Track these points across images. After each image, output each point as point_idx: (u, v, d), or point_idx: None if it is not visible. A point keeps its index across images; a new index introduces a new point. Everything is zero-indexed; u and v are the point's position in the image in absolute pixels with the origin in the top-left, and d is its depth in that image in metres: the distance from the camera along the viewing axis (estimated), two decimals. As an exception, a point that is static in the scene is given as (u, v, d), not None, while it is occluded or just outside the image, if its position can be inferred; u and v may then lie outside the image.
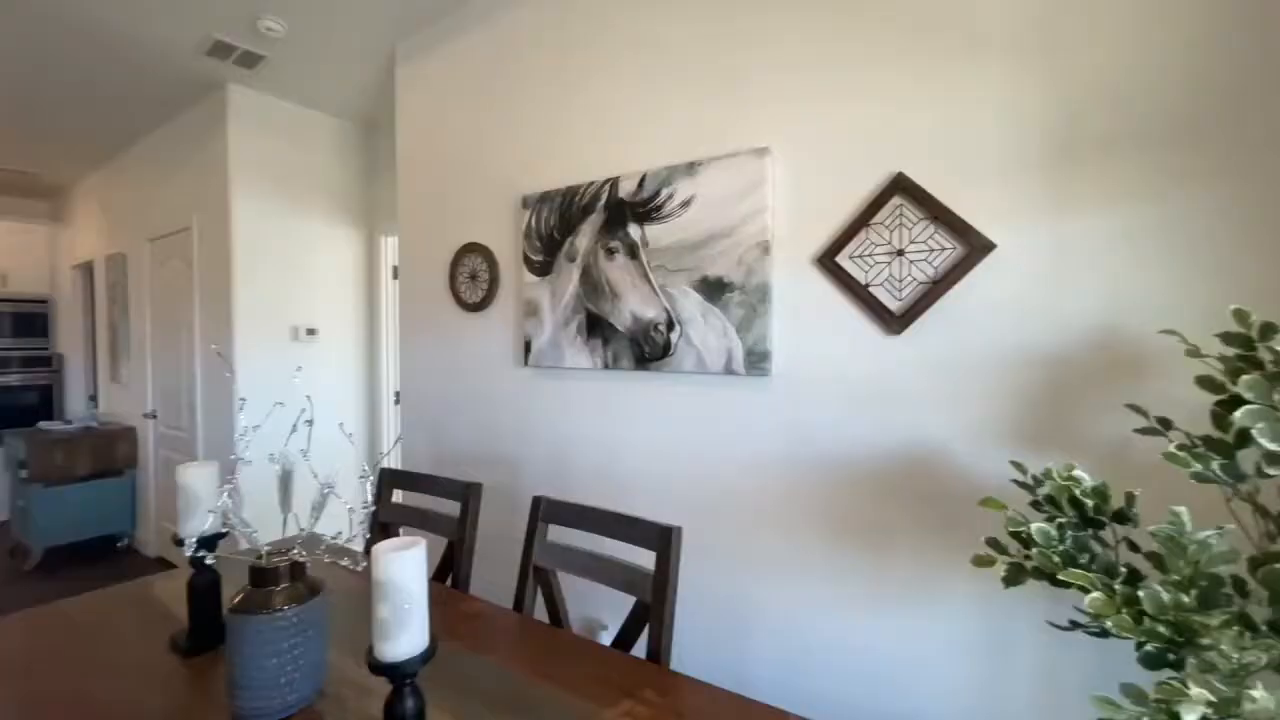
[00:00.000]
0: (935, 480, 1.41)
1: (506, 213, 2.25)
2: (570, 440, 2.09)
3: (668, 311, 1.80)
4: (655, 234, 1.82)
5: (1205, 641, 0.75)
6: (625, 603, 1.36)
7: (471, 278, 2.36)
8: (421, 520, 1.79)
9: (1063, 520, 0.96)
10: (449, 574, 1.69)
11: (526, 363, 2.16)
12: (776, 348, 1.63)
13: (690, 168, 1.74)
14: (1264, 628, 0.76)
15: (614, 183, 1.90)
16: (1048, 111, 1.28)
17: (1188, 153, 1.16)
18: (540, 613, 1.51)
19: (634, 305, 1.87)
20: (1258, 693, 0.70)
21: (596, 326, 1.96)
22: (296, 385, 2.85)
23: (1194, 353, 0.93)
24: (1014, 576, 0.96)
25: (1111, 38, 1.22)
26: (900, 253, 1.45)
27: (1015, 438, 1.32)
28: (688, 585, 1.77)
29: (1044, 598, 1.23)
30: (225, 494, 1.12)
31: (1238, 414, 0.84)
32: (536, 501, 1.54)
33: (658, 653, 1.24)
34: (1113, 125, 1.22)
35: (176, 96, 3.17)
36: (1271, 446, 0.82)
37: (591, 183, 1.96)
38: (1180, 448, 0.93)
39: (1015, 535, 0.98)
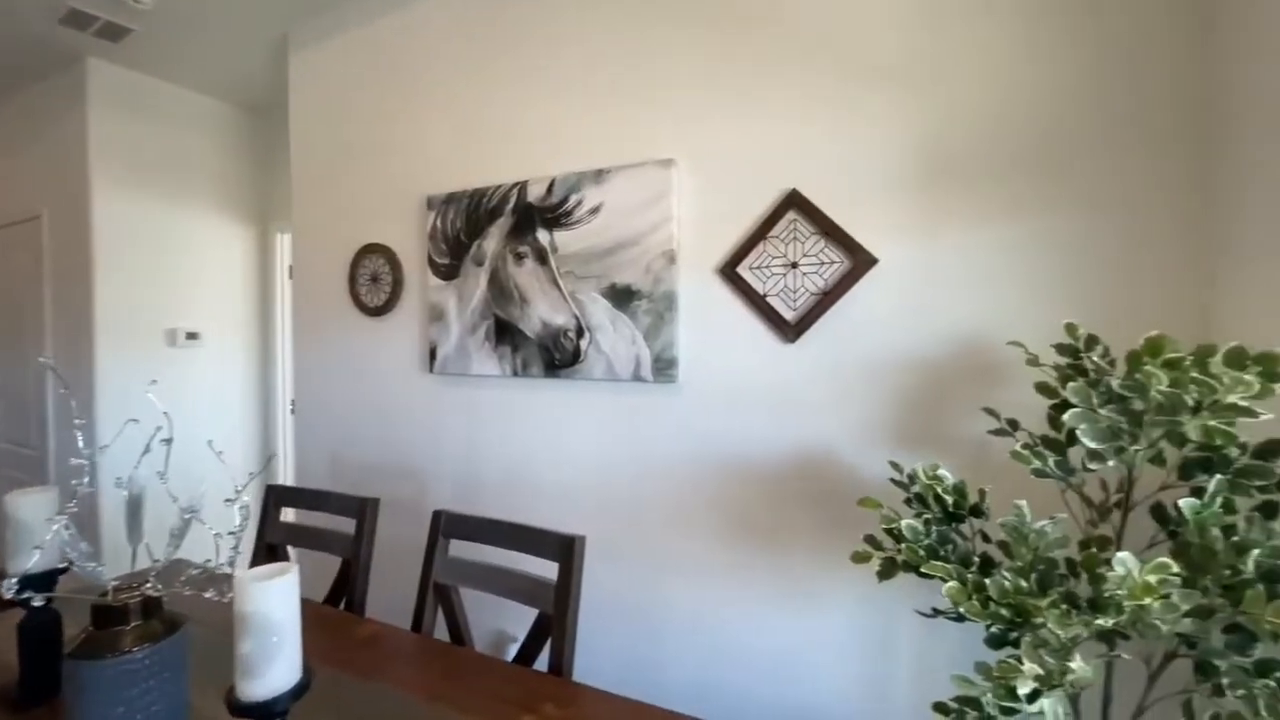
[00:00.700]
0: (826, 480, 1.49)
1: (411, 213, 2.16)
2: (479, 450, 2.03)
3: (577, 318, 1.79)
4: (564, 240, 1.80)
5: (1038, 621, 0.84)
6: (533, 615, 1.34)
7: (373, 280, 2.24)
8: (313, 539, 1.67)
9: (928, 516, 1.05)
10: (344, 596, 1.59)
11: (432, 370, 2.07)
12: (683, 355, 1.67)
13: (598, 175, 1.74)
14: (1084, 604, 0.86)
15: (523, 187, 1.87)
16: (924, 139, 1.39)
17: (1037, 183, 1.30)
18: (442, 631, 1.45)
19: (544, 311, 1.85)
20: (1075, 664, 0.79)
21: (505, 332, 1.92)
22: (155, 398, 2.58)
23: (1033, 362, 1.05)
24: (887, 570, 1.04)
25: (980, 77, 1.34)
26: (795, 265, 1.52)
27: (896, 439, 1.42)
28: (600, 592, 1.77)
29: (923, 588, 1.33)
30: (61, 525, 0.98)
31: (1066, 416, 0.95)
32: (436, 516, 1.48)
33: (560, 665, 1.23)
34: (977, 155, 1.35)
35: (23, 66, 2.78)
36: (1092, 445, 0.93)
37: (500, 185, 1.91)
38: (1024, 447, 1.03)
39: (889, 532, 1.06)
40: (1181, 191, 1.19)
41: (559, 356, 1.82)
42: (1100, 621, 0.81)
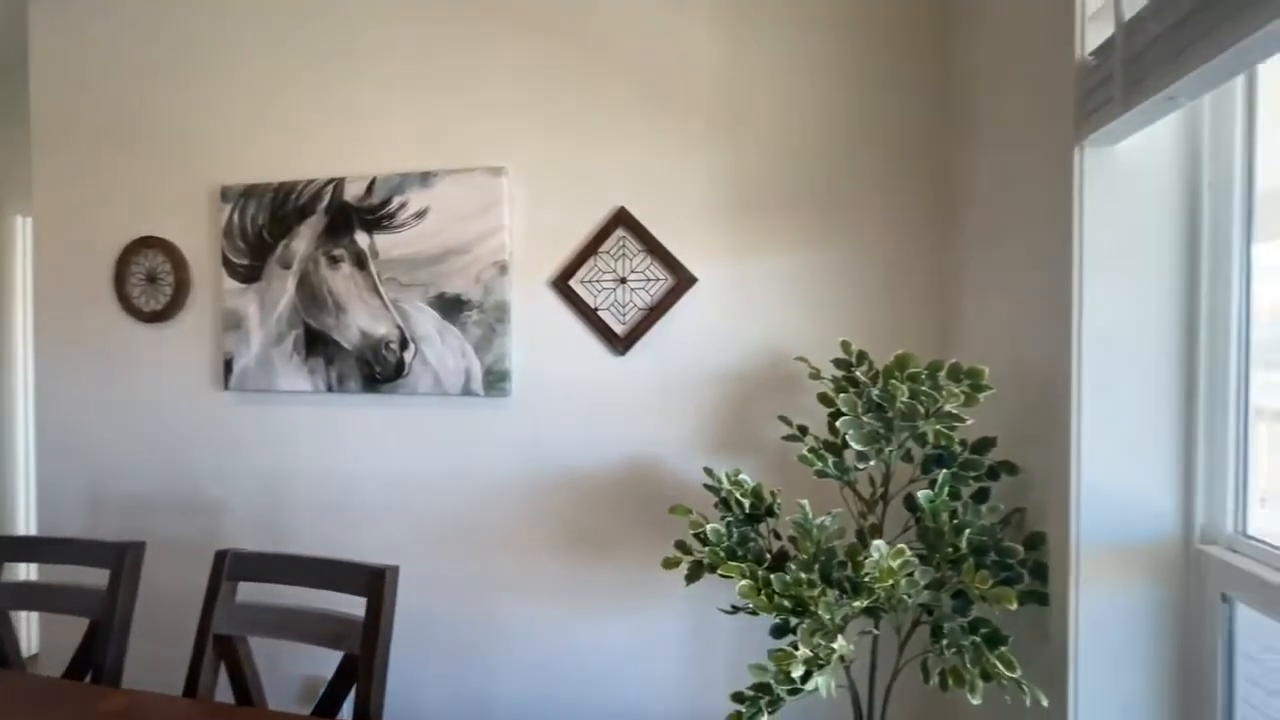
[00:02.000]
0: (654, 487, 1.55)
1: (200, 204, 1.86)
2: (287, 476, 1.80)
3: (401, 328, 1.67)
4: (387, 244, 1.68)
5: (814, 609, 0.95)
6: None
7: (150, 280, 1.89)
8: (47, 599, 1.36)
9: (730, 519, 1.13)
10: (91, 664, 1.31)
11: (228, 386, 1.80)
12: (516, 367, 1.63)
13: (425, 178, 1.65)
14: (849, 588, 0.98)
15: (339, 184, 1.70)
16: (734, 168, 1.52)
17: (822, 217, 1.47)
18: (226, 692, 1.26)
19: (363, 320, 1.70)
20: (838, 643, 0.89)
21: (318, 343, 1.73)
22: None
23: (815, 375, 1.18)
24: (694, 574, 1.10)
25: (775, 116, 1.49)
26: (624, 280, 1.57)
27: (714, 445, 1.53)
28: (426, 624, 1.66)
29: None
30: None
31: (838, 423, 1.08)
32: (220, 557, 1.28)
33: (366, 711, 1.12)
34: (775, 187, 1.49)
35: None
36: (858, 447, 1.07)
37: (312, 180, 1.73)
38: (810, 450, 1.16)
39: (698, 536, 1.12)
40: (930, 231, 1.43)
41: (380, 370, 1.69)
42: (856, 604, 0.93)
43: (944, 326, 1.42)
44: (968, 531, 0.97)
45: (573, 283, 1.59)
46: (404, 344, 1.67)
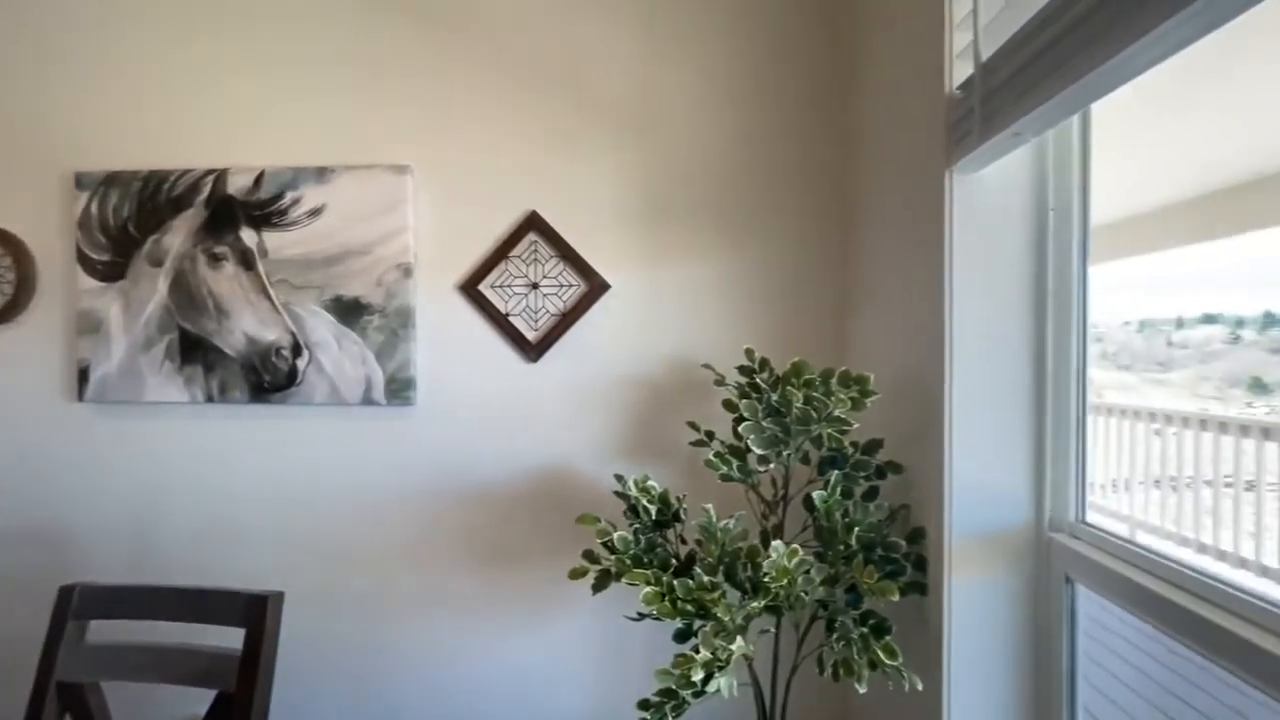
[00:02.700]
0: (565, 497, 1.53)
1: (50, 192, 1.64)
2: (158, 498, 1.62)
3: (294, 333, 1.55)
4: (278, 243, 1.55)
5: (714, 611, 0.97)
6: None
7: (-16, 276, 1.64)
8: None
9: (638, 525, 1.13)
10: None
11: (83, 397, 1.59)
12: (421, 375, 1.56)
13: (321, 173, 1.54)
14: (748, 588, 1.01)
15: (221, 175, 1.56)
16: (646, 176, 1.53)
17: (731, 227, 1.52)
18: (72, 745, 1.10)
19: (249, 325, 1.56)
20: (737, 644, 0.92)
21: (195, 350, 1.57)
22: None
23: (720, 382, 1.22)
24: (601, 583, 1.09)
25: (687, 125, 1.52)
26: (536, 286, 1.54)
27: (626, 452, 1.53)
28: (322, 650, 1.55)
29: (648, 588, 1.45)
30: None
31: (741, 428, 1.12)
32: (65, 593, 1.12)
33: (244, 753, 1.02)
34: (686, 196, 1.53)
35: None
36: (760, 451, 1.11)
37: (189, 170, 1.57)
38: (716, 455, 1.19)
39: (606, 545, 1.12)
40: (829, 244, 1.51)
41: (270, 378, 1.56)
42: (755, 604, 0.96)
43: (841, 334, 1.51)
44: (857, 529, 1.03)
45: (483, 287, 1.55)
46: (297, 350, 1.55)
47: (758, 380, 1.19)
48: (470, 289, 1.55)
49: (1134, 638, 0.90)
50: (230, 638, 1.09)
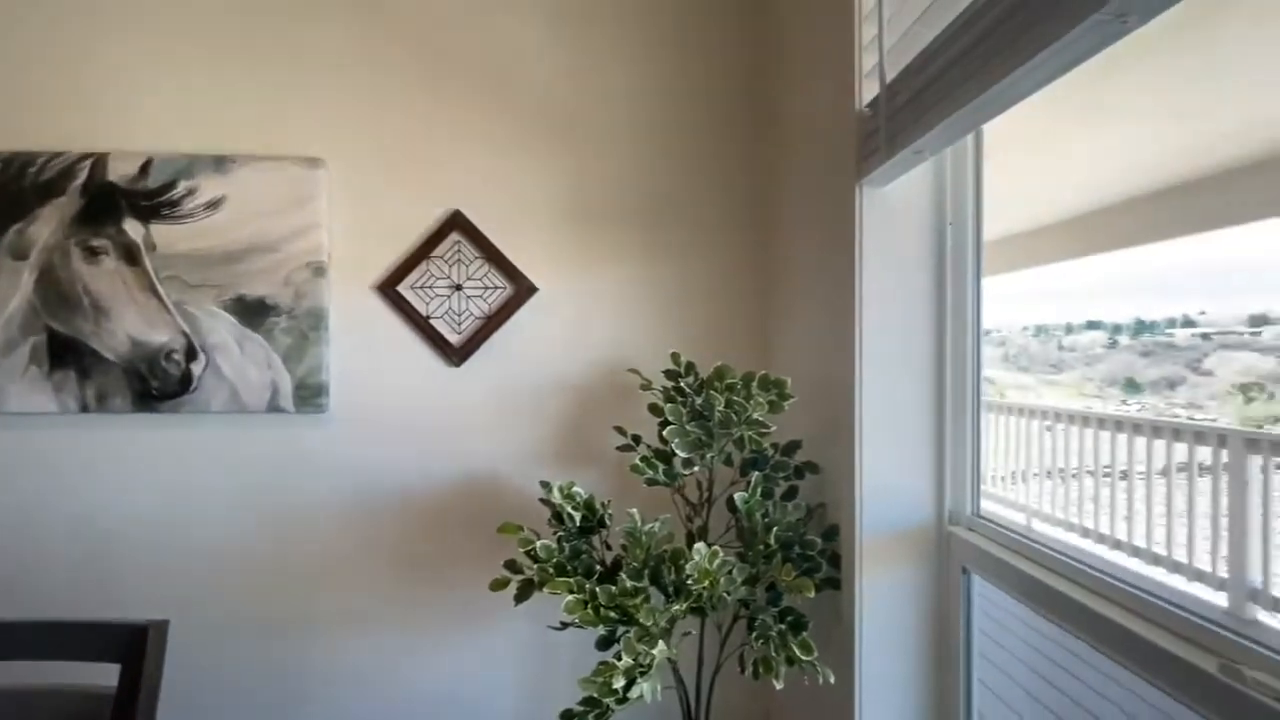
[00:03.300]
0: (490, 505, 1.49)
1: (-116, 171, 1.42)
2: (21, 521, 1.43)
3: (187, 336, 1.42)
4: (169, 237, 1.42)
5: (638, 617, 0.97)
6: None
7: None
8: None
9: (563, 533, 1.12)
10: None
11: (-74, 407, 1.39)
12: (335, 380, 1.47)
13: (221, 162, 1.42)
14: (671, 592, 1.02)
15: (100, 160, 1.41)
16: (575, 180, 1.52)
17: (660, 232, 1.53)
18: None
19: (134, 326, 1.41)
20: (657, 649, 0.92)
21: (68, 353, 1.41)
22: None
23: (646, 386, 1.22)
24: (523, 593, 1.07)
25: (613, 137, 1.52)
26: (459, 287, 1.49)
27: (554, 458, 1.51)
28: (225, 682, 1.43)
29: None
30: None
31: (665, 432, 1.12)
32: (-107, 634, 0.97)
33: (119, 802, 0.92)
34: (616, 201, 1.52)
35: None
36: (684, 455, 1.12)
37: (60, 154, 1.40)
38: (642, 459, 1.19)
39: (529, 554, 1.09)
40: (753, 250, 1.55)
41: (159, 385, 1.42)
42: (676, 607, 0.96)
43: (765, 338, 1.55)
44: (776, 529, 1.05)
45: (402, 288, 1.48)
46: (191, 354, 1.42)
47: (682, 384, 1.20)
48: (389, 290, 1.47)
49: (1022, 620, 0.97)
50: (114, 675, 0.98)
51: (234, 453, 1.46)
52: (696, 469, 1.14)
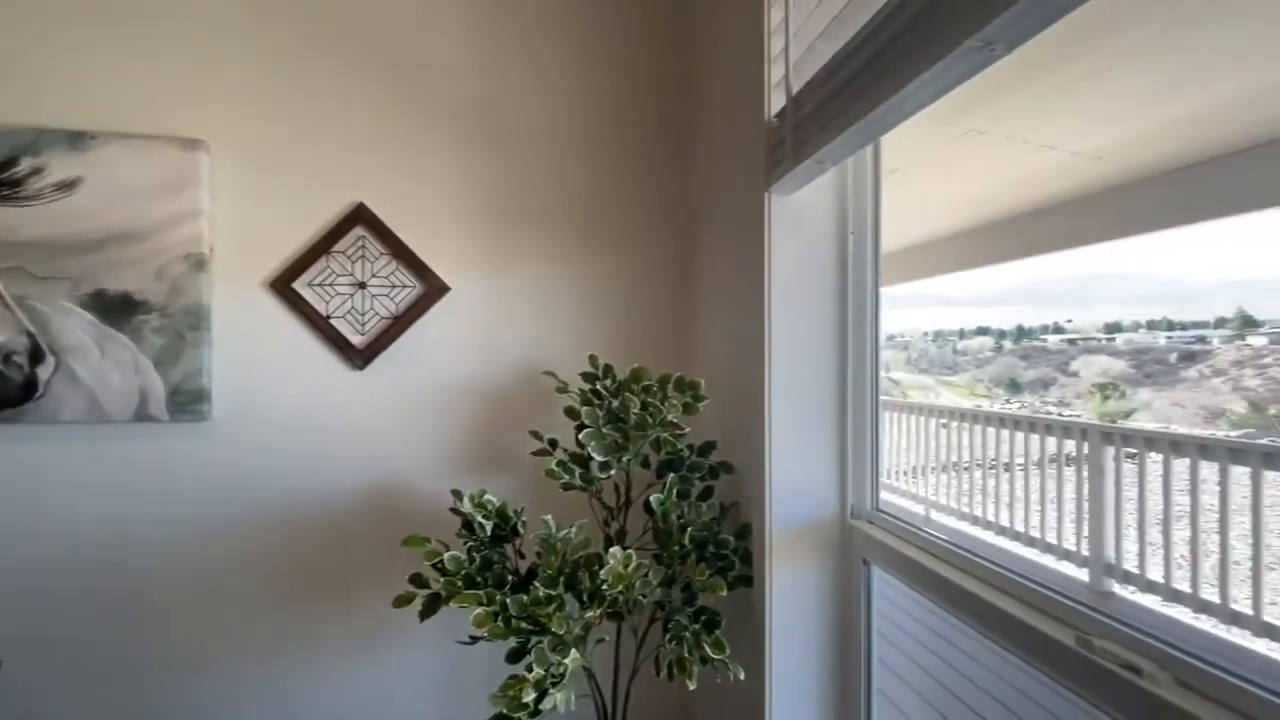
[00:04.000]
0: (397, 517, 1.40)
1: None
2: None
3: (31, 335, 1.24)
4: (8, 221, 1.23)
5: (551, 626, 0.94)
6: None
7: None
8: None
9: (473, 543, 1.07)
10: None
11: None
12: (218, 386, 1.33)
13: (76, 139, 1.26)
14: (586, 599, 1.00)
15: (-82, 129, 1.20)
16: (492, 178, 1.47)
17: (578, 233, 1.51)
18: None
19: (-38, 324, 1.22)
20: (569, 658, 0.90)
21: (-128, 355, 1.19)
22: None
23: (562, 389, 1.19)
24: (429, 608, 1.01)
25: (535, 133, 1.48)
26: (363, 285, 1.40)
27: (468, 465, 1.45)
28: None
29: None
30: None
31: (581, 435, 1.10)
32: None
33: None
34: (536, 202, 1.49)
35: None
36: (600, 458, 1.11)
37: None
38: (558, 464, 1.16)
39: (437, 566, 1.04)
40: (671, 253, 1.56)
41: (-5, 392, 1.23)
42: (589, 613, 0.95)
43: (685, 340, 1.57)
44: (690, 529, 1.06)
45: (298, 285, 1.37)
46: (36, 356, 1.24)
47: (599, 387, 1.19)
48: (283, 287, 1.36)
49: (916, 601, 1.04)
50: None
51: (92, 467, 1.29)
52: (613, 472, 1.13)
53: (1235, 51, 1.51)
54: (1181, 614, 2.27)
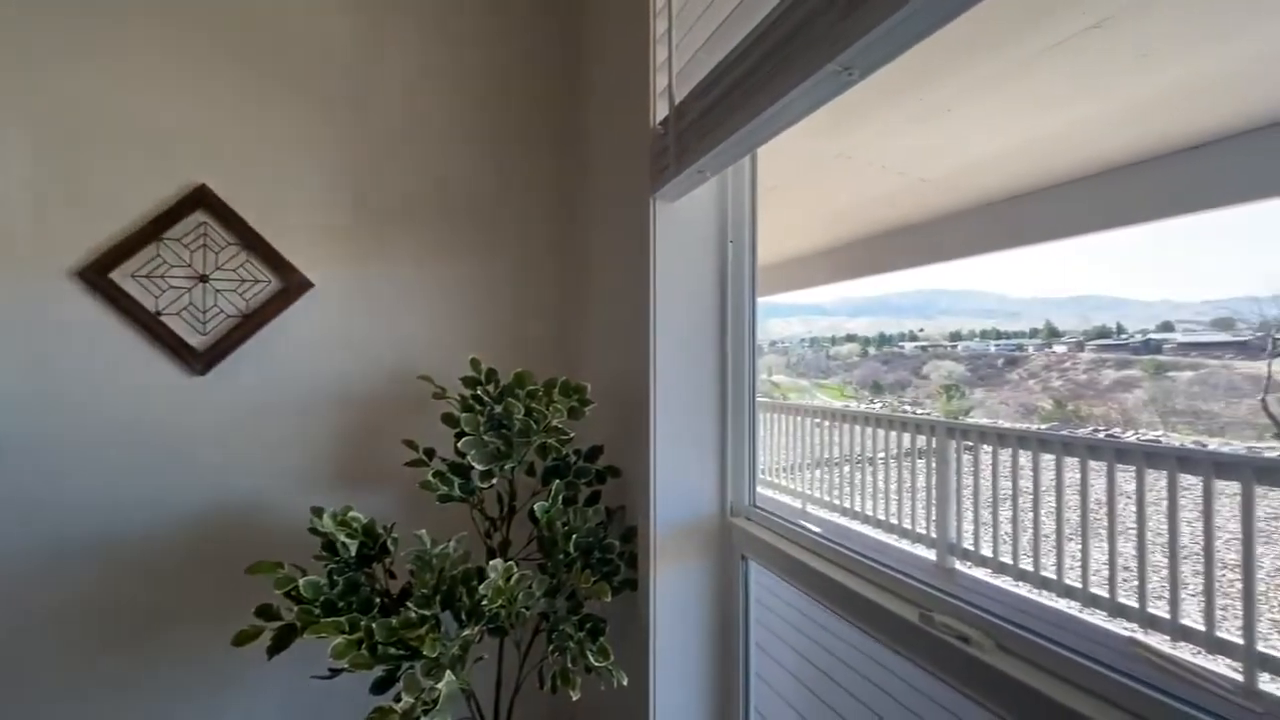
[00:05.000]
0: (247, 542, 1.24)
1: None
2: None
3: None
4: None
5: (423, 649, 0.87)
6: None
7: None
8: None
9: (334, 565, 0.97)
10: None
11: None
12: (3, 397, 1.10)
13: None
14: (464, 616, 0.95)
15: None
16: (362, 167, 1.35)
17: (458, 230, 1.44)
18: None
19: None
20: (442, 683, 0.84)
21: None
22: None
23: (440, 395, 1.13)
24: (280, 643, 0.90)
25: (413, 122, 1.39)
26: (205, 279, 1.23)
27: (333, 481, 1.32)
28: None
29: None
30: None
31: (460, 443, 1.04)
32: None
33: None
34: (411, 194, 1.39)
35: None
36: (480, 467, 1.05)
37: None
38: (435, 475, 1.09)
39: (290, 594, 0.93)
40: (555, 255, 1.54)
41: None
42: (469, 632, 0.90)
43: (569, 344, 1.55)
44: (575, 536, 1.04)
45: (118, 276, 1.17)
46: None
47: (480, 392, 1.13)
48: (96, 277, 1.15)
49: (789, 588, 1.09)
50: None
51: None
52: (495, 481, 1.08)
53: (1047, 98, 1.78)
54: (1005, 583, 2.63)
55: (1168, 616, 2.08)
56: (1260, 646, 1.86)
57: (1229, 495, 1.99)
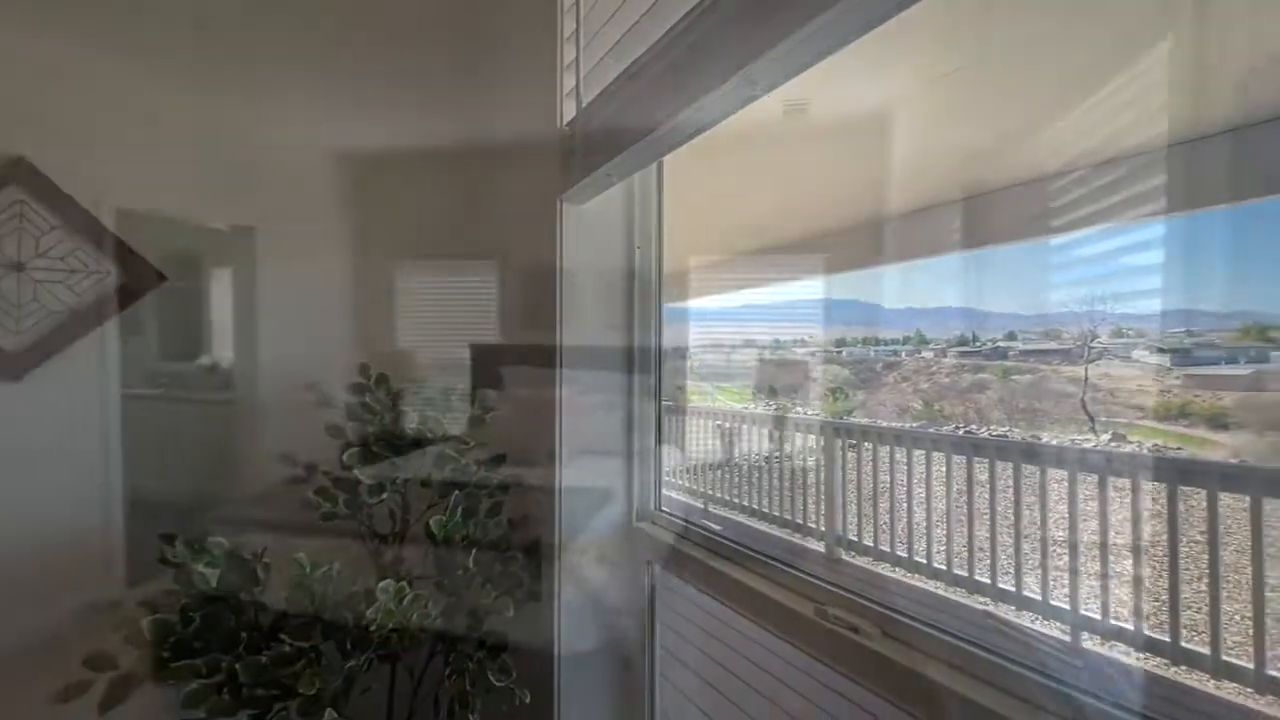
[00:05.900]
0: (75, 578, 1.06)
1: None
2: None
3: None
4: None
5: (299, 687, 0.79)
6: None
7: None
8: None
9: (188, 600, 0.85)
10: None
11: None
12: None
13: None
14: (349, 645, 0.86)
15: None
16: (244, 148, 1.20)
17: (349, 220, 1.33)
18: None
19: None
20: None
21: None
22: None
23: (325, 403, 1.03)
24: (115, 695, 0.77)
25: (305, 101, 1.26)
26: (20, 267, 1.03)
27: (190, 504, 1.16)
28: None
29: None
30: None
31: (345, 455, 0.96)
32: None
33: None
34: (299, 179, 1.26)
35: None
36: (369, 481, 0.97)
37: None
38: (316, 491, 0.99)
39: (129, 639, 0.80)
40: (466, 254, 1.46)
41: None
42: (353, 663, 0.82)
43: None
44: (475, 550, 0.99)
45: (-107, 261, 0.95)
46: None
47: (370, 400, 1.05)
48: None
49: (696, 594, 1.11)
50: None
51: None
52: (385, 496, 1.00)
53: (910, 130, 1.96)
54: (884, 569, 2.88)
55: (1014, 589, 2.39)
56: (1082, 610, 2.18)
57: (1057, 482, 2.33)
